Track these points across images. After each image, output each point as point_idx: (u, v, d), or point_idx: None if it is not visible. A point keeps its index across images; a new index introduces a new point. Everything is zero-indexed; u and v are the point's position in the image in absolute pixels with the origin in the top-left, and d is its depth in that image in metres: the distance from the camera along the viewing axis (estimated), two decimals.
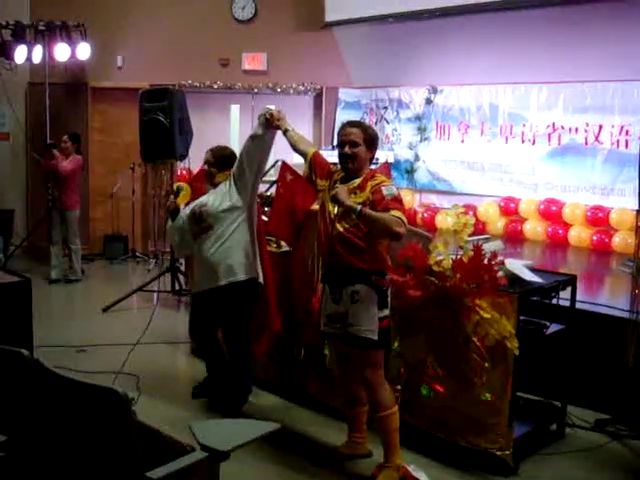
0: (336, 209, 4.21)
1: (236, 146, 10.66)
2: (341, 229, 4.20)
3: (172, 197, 5.59)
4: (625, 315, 4.89)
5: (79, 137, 9.63)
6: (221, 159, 5.40)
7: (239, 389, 5.48)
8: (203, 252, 5.28)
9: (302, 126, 11.62)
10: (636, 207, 4.60)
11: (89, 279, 9.83)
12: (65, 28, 10.33)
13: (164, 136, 8.00)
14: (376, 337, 4.20)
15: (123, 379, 5.72)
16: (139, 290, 8.52)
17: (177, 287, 8.61)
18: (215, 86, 11.16)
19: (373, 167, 4.73)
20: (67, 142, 9.35)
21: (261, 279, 5.39)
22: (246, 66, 11.37)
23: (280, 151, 5.55)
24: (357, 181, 4.27)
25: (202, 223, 5.27)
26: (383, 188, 4.16)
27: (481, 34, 9.71)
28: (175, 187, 5.70)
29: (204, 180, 5.78)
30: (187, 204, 5.67)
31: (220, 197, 5.25)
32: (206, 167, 5.45)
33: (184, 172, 10.01)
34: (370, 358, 4.26)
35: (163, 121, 8.04)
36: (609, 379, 5.28)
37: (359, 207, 4.06)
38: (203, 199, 5.36)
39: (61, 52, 10.34)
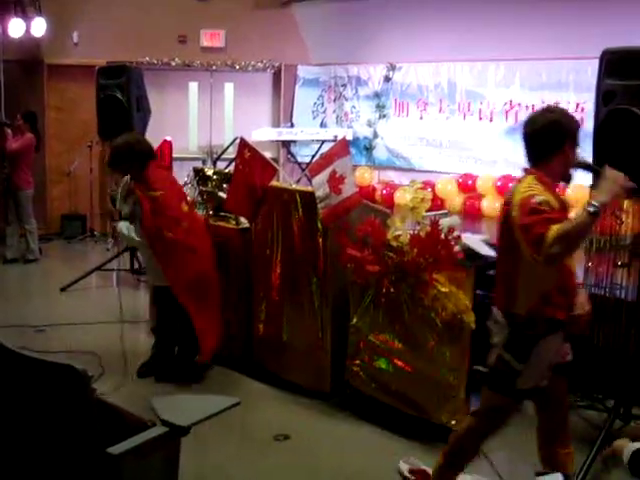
0: None
1: (195, 124, 10.69)
2: None
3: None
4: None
5: (34, 115, 9.49)
6: (117, 158, 5.38)
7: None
8: None
9: (261, 104, 11.60)
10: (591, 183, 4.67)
11: (47, 259, 9.73)
12: (19, 3, 10.17)
13: (121, 113, 7.94)
14: None
15: (84, 358, 5.70)
16: (98, 269, 8.46)
17: (136, 266, 8.56)
18: (173, 63, 11.06)
19: (330, 145, 4.74)
20: (19, 120, 9.23)
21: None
22: (204, 43, 11.27)
23: (239, 128, 5.55)
24: None
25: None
26: None
27: (439, 11, 9.72)
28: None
29: (163, 158, 5.83)
30: None
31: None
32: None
33: None
34: None
35: (120, 98, 7.97)
36: None
37: None
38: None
39: (15, 28, 10.18)
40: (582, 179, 8.40)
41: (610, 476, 4.23)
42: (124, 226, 5.34)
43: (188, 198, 5.77)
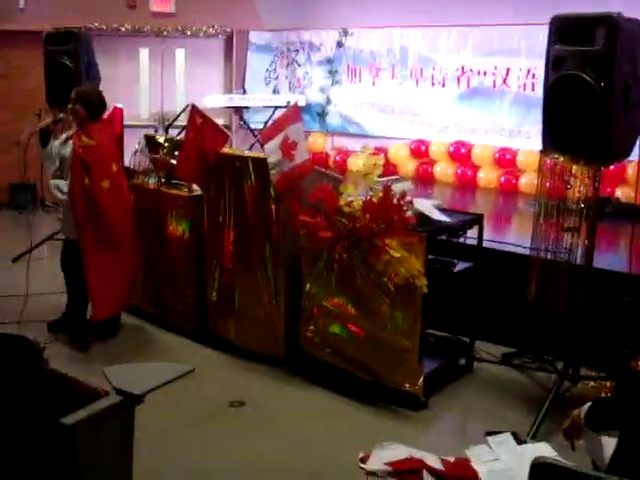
0: None
1: (146, 91, 10.55)
2: None
3: (48, 120, 5.78)
4: (528, 252, 5.05)
5: None
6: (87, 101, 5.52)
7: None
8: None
9: (213, 70, 11.49)
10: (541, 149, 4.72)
11: None
12: None
13: (70, 80, 7.78)
14: None
15: (36, 328, 5.65)
16: (49, 239, 8.36)
17: None
18: (123, 29, 10.87)
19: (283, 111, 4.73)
20: None
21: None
22: (154, 8, 11.08)
23: (190, 95, 5.50)
24: None
25: (58, 169, 5.55)
26: None
27: None
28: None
29: (114, 125, 5.83)
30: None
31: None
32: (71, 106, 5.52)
33: None
34: None
35: (69, 65, 7.83)
36: (514, 314, 5.47)
37: None
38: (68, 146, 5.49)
39: None
40: (532, 144, 8.49)
41: (559, 437, 4.33)
42: (56, 183, 5.54)
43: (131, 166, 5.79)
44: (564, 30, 4.43)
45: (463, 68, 9.41)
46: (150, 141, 6.25)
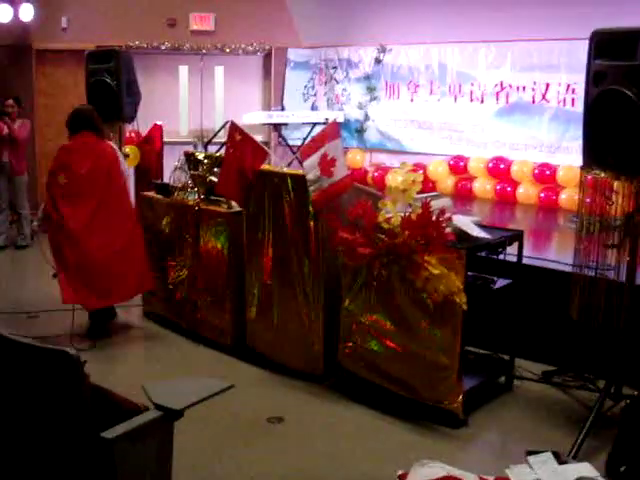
0: None
1: (185, 108, 10.66)
2: None
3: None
4: (569, 269, 4.99)
5: (20, 100, 9.47)
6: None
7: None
8: None
9: (252, 87, 11.57)
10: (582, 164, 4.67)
11: (38, 244, 9.68)
12: None
13: (111, 98, 7.88)
14: None
15: (77, 341, 5.71)
16: None
17: None
18: (163, 47, 11.01)
19: (321, 128, 4.73)
20: (14, 106, 9.18)
21: None
22: (194, 26, 11.22)
23: (229, 112, 5.53)
24: None
25: None
26: None
27: None
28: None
29: (154, 142, 5.96)
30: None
31: None
32: None
33: (133, 134, 9.90)
34: None
35: (110, 83, 7.91)
36: (555, 332, 5.40)
37: None
38: None
39: (3, 13, 10.14)
40: (572, 160, 8.41)
41: (600, 457, 4.26)
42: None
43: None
44: (605, 45, 4.38)
45: (502, 84, 9.39)
46: (189, 158, 6.30)
